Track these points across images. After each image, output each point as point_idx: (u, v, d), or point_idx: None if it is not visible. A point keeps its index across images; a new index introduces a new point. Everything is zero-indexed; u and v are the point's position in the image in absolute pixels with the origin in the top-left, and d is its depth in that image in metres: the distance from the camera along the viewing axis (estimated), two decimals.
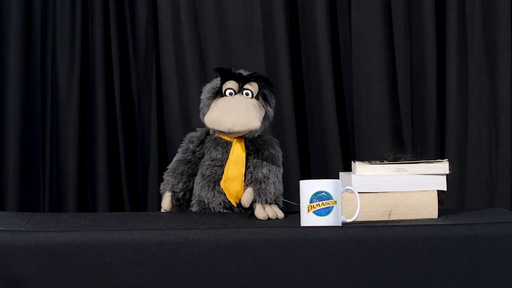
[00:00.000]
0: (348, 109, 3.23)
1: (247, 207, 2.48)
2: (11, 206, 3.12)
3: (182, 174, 2.61)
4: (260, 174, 2.51)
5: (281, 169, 2.58)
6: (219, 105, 2.49)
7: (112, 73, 3.17)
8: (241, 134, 2.50)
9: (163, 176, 2.65)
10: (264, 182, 2.50)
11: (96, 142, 3.15)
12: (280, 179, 2.56)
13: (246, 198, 2.47)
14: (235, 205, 2.51)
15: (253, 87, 2.53)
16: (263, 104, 2.54)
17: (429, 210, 2.36)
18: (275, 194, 2.50)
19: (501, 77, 3.14)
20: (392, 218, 2.34)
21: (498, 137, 3.15)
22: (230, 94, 2.51)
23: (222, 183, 2.51)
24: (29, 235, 1.98)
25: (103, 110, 3.15)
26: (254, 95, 2.52)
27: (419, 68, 3.18)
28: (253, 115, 2.46)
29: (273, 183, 2.51)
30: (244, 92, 2.52)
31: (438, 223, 2.16)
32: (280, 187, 2.55)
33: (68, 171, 3.15)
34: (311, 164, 3.22)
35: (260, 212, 2.44)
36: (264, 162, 2.53)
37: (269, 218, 2.43)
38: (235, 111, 2.46)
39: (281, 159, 2.59)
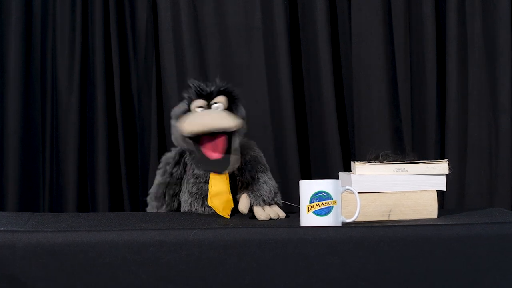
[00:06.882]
0: (348, 109, 3.23)
1: (246, 213, 2.42)
2: (11, 206, 3.12)
3: (164, 197, 2.60)
4: (248, 177, 2.47)
5: (268, 167, 2.53)
6: (190, 115, 2.40)
7: (112, 73, 3.17)
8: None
9: (146, 201, 2.64)
10: (254, 183, 2.47)
11: (96, 142, 3.15)
12: (270, 176, 2.51)
13: (244, 204, 2.41)
14: (228, 217, 2.42)
15: (222, 99, 2.44)
16: (236, 111, 2.45)
17: (429, 210, 2.35)
18: (270, 191, 2.46)
19: (501, 77, 3.14)
20: (392, 218, 2.34)
21: (498, 137, 3.15)
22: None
23: (209, 200, 2.43)
24: (29, 235, 1.98)
25: (103, 110, 3.15)
26: (225, 107, 2.44)
27: (419, 68, 3.18)
28: (228, 116, 2.38)
29: (265, 182, 2.47)
30: (214, 106, 2.43)
31: (438, 223, 2.16)
32: (273, 183, 2.50)
33: (68, 171, 3.15)
34: (311, 164, 3.22)
35: (260, 213, 2.41)
36: (249, 165, 2.49)
37: (271, 219, 2.41)
38: (208, 115, 2.38)
39: (264, 159, 2.54)
